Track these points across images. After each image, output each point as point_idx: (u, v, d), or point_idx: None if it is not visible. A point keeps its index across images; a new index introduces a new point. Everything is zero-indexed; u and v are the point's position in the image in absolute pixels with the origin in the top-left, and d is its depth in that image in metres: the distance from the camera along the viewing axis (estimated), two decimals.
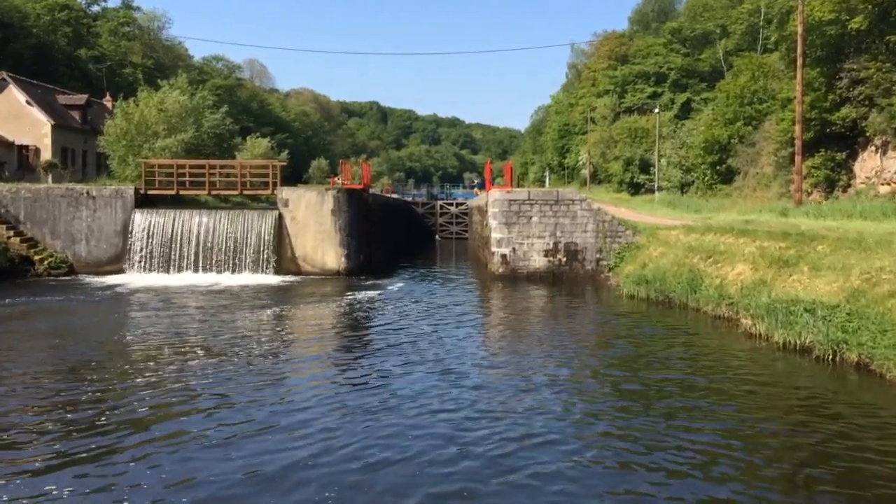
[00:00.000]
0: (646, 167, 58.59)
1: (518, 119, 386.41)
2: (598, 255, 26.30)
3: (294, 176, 69.92)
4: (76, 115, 44.04)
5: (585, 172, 71.45)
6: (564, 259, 26.35)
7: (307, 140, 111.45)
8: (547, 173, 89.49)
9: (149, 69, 72.20)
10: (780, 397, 10.96)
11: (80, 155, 43.56)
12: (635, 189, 58.72)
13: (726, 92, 43.18)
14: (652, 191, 53.70)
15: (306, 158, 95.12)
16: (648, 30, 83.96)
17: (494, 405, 10.36)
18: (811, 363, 12.58)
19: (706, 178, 43.28)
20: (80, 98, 45.04)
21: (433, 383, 11.52)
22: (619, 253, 25.87)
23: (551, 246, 26.39)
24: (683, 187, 49.04)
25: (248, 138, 60.56)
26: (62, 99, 44.34)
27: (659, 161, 51.01)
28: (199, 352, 13.72)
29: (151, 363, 12.87)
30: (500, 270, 26.32)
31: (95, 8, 77.51)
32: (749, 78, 41.48)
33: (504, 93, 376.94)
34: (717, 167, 41.53)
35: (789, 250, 16.78)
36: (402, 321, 17.44)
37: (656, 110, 51.62)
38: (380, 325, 17.09)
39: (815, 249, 16.09)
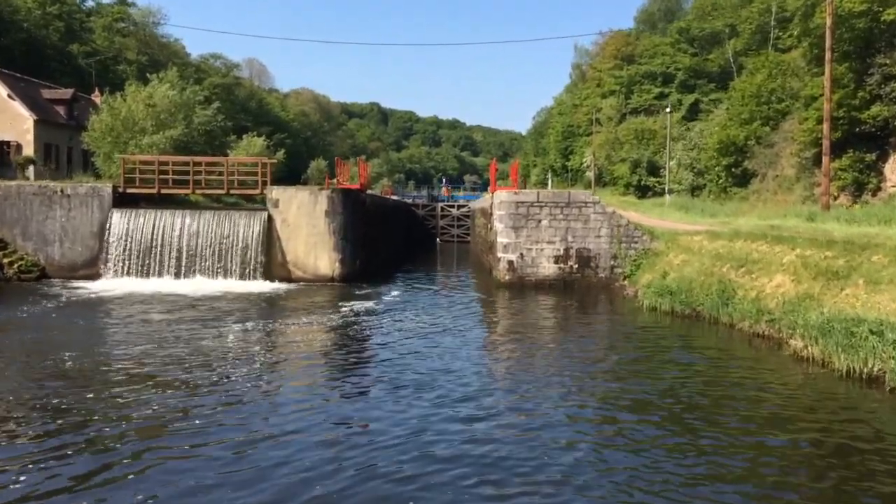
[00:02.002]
0: (654, 169, 56.70)
1: (519, 121, 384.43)
2: (612, 262, 24.35)
3: (292, 176, 68.24)
4: (61, 110, 42.05)
5: (590, 175, 69.51)
6: (576, 266, 24.39)
7: (306, 140, 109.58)
8: (549, 175, 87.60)
9: (143, 66, 70.33)
10: (870, 451, 8.77)
11: (64, 152, 41.57)
12: (642, 192, 56.84)
13: (741, 91, 41.21)
14: (660, 194, 51.81)
15: (305, 159, 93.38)
16: (655, 30, 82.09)
17: (514, 465, 8.35)
18: (885, 397, 10.62)
19: (720, 181, 41.31)
20: (66, 92, 43.05)
21: (440, 431, 9.37)
22: (635, 260, 23.93)
23: (562, 252, 24.43)
24: (694, 190, 47.13)
25: (244, 137, 58.79)
26: (47, 93, 42.37)
27: (669, 163, 49.08)
28: (171, 381, 11.65)
29: (111, 391, 10.93)
30: (507, 278, 24.37)
31: (89, 3, 75.80)
32: (766, 76, 39.54)
33: (505, 95, 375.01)
34: (733, 169, 39.56)
35: (837, 260, 14.83)
36: (401, 340, 15.32)
37: (667, 110, 49.63)
38: (376, 345, 14.97)
39: (870, 260, 14.14)
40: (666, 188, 47.73)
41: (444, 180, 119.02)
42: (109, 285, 23.38)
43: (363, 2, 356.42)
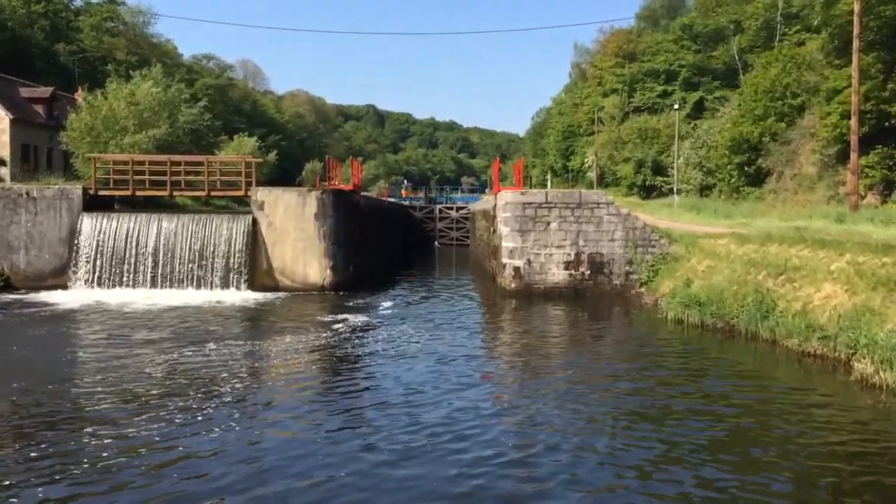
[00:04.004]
0: (659, 169, 54.85)
1: (516, 123, 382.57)
2: (627, 268, 22.38)
3: (287, 178, 66.45)
4: (41, 109, 39.99)
5: (592, 175, 67.61)
6: (588, 272, 22.41)
7: (301, 143, 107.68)
8: (549, 176, 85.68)
9: (133, 65, 68.28)
10: None
11: (44, 153, 39.52)
12: (647, 192, 55.01)
13: (754, 86, 39.31)
14: (666, 194, 50.02)
15: (300, 161, 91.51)
16: (657, 27, 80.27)
17: None
18: None
19: (732, 181, 39.42)
20: (45, 91, 40.99)
21: (441, 478, 7.51)
22: (652, 266, 21.98)
23: (573, 257, 22.46)
24: (703, 190, 45.24)
25: (235, 137, 56.89)
26: (25, 91, 40.33)
27: (677, 162, 47.18)
28: (125, 434, 9.53)
29: (52, 433, 8.94)
30: (513, 286, 22.38)
31: (78, 2, 73.71)
32: (780, 70, 37.65)
33: (503, 97, 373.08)
34: (746, 168, 37.67)
35: None
36: (401, 367, 13.11)
37: (675, 107, 47.70)
38: (373, 375, 12.68)
39: None
40: (674, 188, 45.83)
41: (404, 181, 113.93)
42: (78, 296, 21.31)
43: (361, 2, 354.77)
